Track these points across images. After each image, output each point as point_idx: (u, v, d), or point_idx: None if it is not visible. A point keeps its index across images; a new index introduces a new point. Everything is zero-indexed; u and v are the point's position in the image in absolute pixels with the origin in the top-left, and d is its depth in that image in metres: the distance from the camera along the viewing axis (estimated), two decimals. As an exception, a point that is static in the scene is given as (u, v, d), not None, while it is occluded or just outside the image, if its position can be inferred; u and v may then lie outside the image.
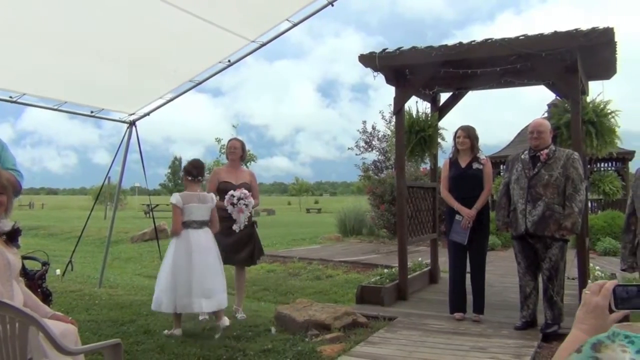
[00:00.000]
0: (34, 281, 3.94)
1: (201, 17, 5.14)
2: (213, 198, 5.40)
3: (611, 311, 1.19)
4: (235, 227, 5.70)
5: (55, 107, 6.75)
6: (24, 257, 3.90)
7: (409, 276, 6.74)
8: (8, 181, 2.98)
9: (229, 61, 6.22)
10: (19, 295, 2.85)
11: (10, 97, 6.19)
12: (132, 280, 9.82)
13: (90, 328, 5.24)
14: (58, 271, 8.51)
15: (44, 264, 4.22)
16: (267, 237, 14.68)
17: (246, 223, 5.77)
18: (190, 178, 5.29)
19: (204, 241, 5.16)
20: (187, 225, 5.13)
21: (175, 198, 5.15)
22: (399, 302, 6.34)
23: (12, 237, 2.86)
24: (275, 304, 7.11)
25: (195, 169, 5.32)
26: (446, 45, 6.02)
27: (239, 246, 5.79)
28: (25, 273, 3.80)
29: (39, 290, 3.91)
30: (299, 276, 9.70)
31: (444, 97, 7.66)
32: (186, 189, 5.32)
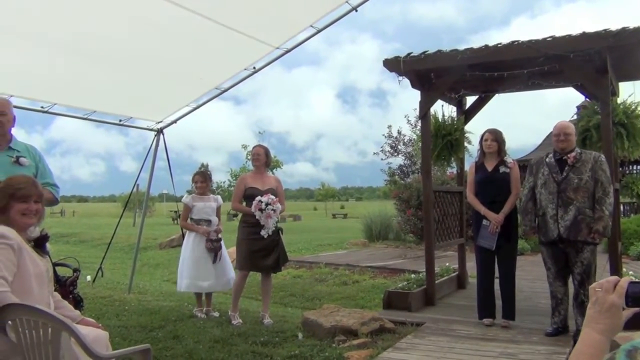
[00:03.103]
0: (66, 287, 4.01)
1: (226, 25, 5.20)
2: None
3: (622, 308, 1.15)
4: (263, 232, 5.74)
5: (85, 117, 6.90)
6: (55, 264, 4.00)
7: (436, 281, 6.68)
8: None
9: (254, 68, 6.28)
10: (51, 301, 2.91)
11: (42, 107, 6.34)
12: (161, 286, 9.93)
13: (121, 333, 5.31)
14: (89, 277, 8.67)
15: (75, 270, 4.29)
16: (294, 242, 14.71)
17: (273, 229, 5.81)
18: None
19: None
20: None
21: None
22: (427, 308, 6.29)
23: (39, 243, 2.93)
24: (302, 310, 7.13)
25: None
26: (472, 48, 5.95)
27: (266, 253, 5.81)
28: (57, 279, 3.88)
29: (70, 296, 3.97)
30: (325, 282, 9.69)
31: (470, 100, 7.59)
32: None
